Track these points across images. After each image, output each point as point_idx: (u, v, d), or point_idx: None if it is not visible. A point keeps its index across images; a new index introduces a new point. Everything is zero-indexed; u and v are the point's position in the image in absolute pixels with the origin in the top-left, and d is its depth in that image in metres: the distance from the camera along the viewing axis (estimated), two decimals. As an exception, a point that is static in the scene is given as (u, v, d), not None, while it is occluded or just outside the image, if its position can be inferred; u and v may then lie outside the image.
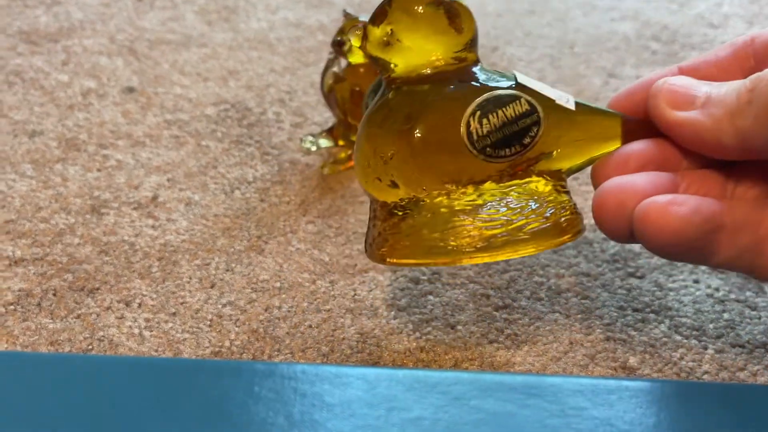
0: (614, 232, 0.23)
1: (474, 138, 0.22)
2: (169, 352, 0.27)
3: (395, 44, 0.24)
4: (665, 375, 0.26)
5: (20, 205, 0.33)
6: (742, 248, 0.22)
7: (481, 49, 0.35)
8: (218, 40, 0.47)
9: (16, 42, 0.45)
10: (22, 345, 0.27)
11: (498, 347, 0.27)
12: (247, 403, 0.18)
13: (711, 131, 0.22)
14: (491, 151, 0.23)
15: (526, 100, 0.23)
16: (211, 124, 0.39)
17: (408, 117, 0.23)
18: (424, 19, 0.24)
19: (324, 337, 0.27)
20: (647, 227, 0.21)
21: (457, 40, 0.24)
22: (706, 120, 0.22)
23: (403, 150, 0.23)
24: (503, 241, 0.22)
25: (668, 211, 0.21)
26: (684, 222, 0.21)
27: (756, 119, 0.20)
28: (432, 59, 0.24)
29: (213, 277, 0.30)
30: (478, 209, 0.23)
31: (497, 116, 0.22)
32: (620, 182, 0.22)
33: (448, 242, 0.23)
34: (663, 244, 0.21)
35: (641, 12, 0.52)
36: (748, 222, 0.22)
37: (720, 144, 0.22)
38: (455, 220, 0.23)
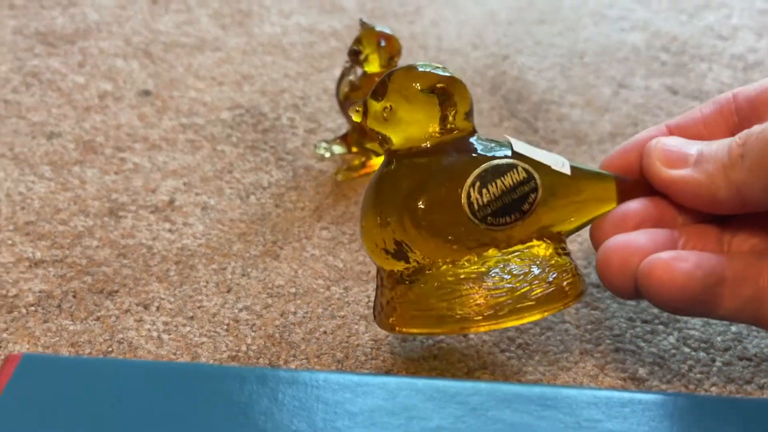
0: (619, 289, 0.23)
1: (475, 208, 0.23)
2: (187, 355, 0.27)
3: (393, 120, 0.25)
4: (674, 387, 0.26)
5: (39, 206, 0.34)
6: (745, 300, 0.22)
7: (491, 58, 0.35)
8: (232, 44, 0.47)
9: (33, 43, 0.46)
10: (44, 346, 0.28)
11: (510, 356, 0.27)
12: (272, 410, 0.19)
13: (706, 187, 0.22)
14: (492, 219, 0.23)
15: (522, 168, 0.24)
16: (226, 128, 0.40)
17: (412, 189, 0.24)
18: (419, 103, 0.25)
19: (339, 344, 0.28)
20: (652, 283, 0.22)
21: (449, 114, 0.25)
22: (700, 176, 0.23)
23: (408, 221, 0.24)
24: (509, 309, 0.23)
25: (672, 267, 0.21)
26: (688, 277, 0.21)
27: (749, 172, 0.21)
28: (428, 133, 0.25)
29: (229, 282, 0.31)
30: (483, 277, 0.23)
31: (496, 186, 0.23)
32: (623, 240, 0.23)
33: (456, 311, 0.23)
34: (668, 299, 0.22)
35: (651, 23, 0.52)
36: (748, 274, 0.22)
37: (715, 199, 0.22)
38: (461, 288, 0.23)
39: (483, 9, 0.53)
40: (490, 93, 0.44)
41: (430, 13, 0.52)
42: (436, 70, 0.25)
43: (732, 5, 0.54)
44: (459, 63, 0.47)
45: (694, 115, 0.26)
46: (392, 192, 0.24)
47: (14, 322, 0.28)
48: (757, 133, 0.22)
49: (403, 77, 0.25)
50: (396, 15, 0.52)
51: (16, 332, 0.28)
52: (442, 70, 0.25)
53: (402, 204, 0.24)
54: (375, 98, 0.25)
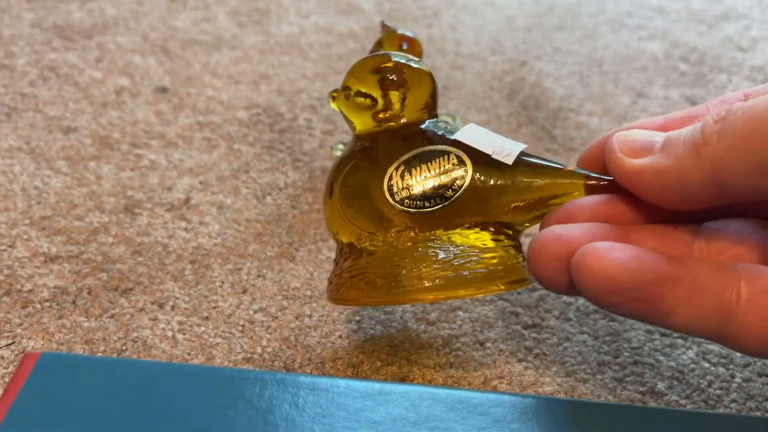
0: (550, 282, 0.21)
1: (393, 191, 0.24)
2: (201, 356, 0.27)
3: (353, 103, 0.26)
4: (693, 402, 0.26)
5: (55, 201, 0.34)
6: (704, 312, 0.20)
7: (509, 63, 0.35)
8: (250, 43, 0.47)
9: (50, 37, 0.46)
10: (58, 342, 0.27)
11: (527, 366, 0.27)
12: (292, 416, 0.18)
13: (675, 171, 0.19)
14: (409, 203, 0.23)
15: (455, 155, 0.24)
16: (243, 127, 0.39)
17: (347, 169, 0.25)
18: (368, 84, 0.26)
19: (354, 348, 0.28)
20: (583, 273, 0.19)
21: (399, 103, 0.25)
22: (667, 161, 0.20)
23: (334, 198, 0.25)
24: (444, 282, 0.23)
25: (604, 255, 0.19)
26: (621, 268, 0.19)
27: (731, 150, 0.18)
28: (379, 117, 0.25)
29: (245, 283, 0.30)
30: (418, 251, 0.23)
31: (419, 170, 0.24)
32: (557, 231, 0.21)
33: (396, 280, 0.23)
34: (599, 291, 0.20)
35: (669, 32, 0.52)
36: (710, 283, 0.20)
37: (686, 184, 0.19)
38: (395, 260, 0.23)
39: (501, 14, 0.53)
40: (507, 99, 0.43)
41: (449, 17, 0.52)
42: (396, 57, 0.26)
43: (751, 17, 0.54)
44: (477, 68, 0.46)
45: (700, 111, 0.23)
46: (335, 172, 0.26)
47: (29, 317, 0.28)
48: (745, 107, 0.18)
49: (360, 61, 0.26)
50: (414, 18, 0.52)
51: (30, 328, 0.28)
52: (407, 59, 0.26)
53: (335, 182, 0.25)
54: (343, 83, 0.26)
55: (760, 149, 0.18)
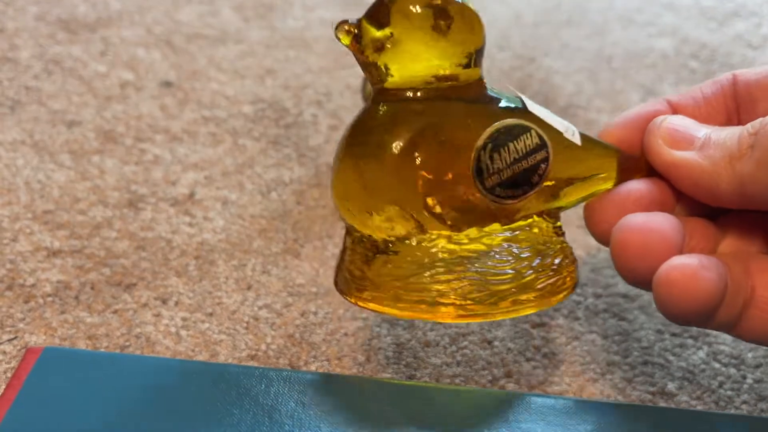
0: (637, 278, 0.21)
1: (484, 176, 0.20)
2: (205, 353, 0.27)
3: (392, 48, 0.21)
4: (703, 403, 0.26)
5: (58, 195, 0.33)
6: (737, 310, 0.20)
7: (518, 59, 0.35)
8: (255, 38, 0.47)
9: (55, 30, 0.45)
10: (61, 338, 0.27)
11: (535, 366, 0.27)
12: (298, 414, 0.18)
13: (708, 174, 0.20)
14: (500, 191, 0.20)
15: (536, 132, 0.21)
16: (248, 122, 0.39)
17: (408, 142, 0.20)
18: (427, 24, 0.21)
19: (360, 346, 0.27)
20: (673, 292, 0.19)
21: (461, 48, 0.21)
22: (704, 162, 0.21)
23: (400, 181, 0.20)
24: (511, 300, 0.20)
25: (700, 278, 0.19)
26: (714, 290, 0.19)
27: (758, 165, 0.19)
28: (432, 69, 0.21)
29: (249, 279, 0.30)
30: (484, 259, 0.20)
31: (508, 150, 0.20)
32: (642, 222, 0.20)
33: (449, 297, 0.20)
34: (685, 312, 0.19)
35: (679, 29, 0.51)
36: (741, 282, 0.20)
37: (717, 189, 0.20)
38: (458, 270, 0.20)
39: (509, 10, 0.53)
40: (515, 95, 0.43)
41: (455, 13, 0.52)
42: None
43: (762, 14, 0.53)
44: (485, 64, 0.46)
45: (694, 94, 0.24)
46: (379, 142, 0.20)
47: (31, 312, 0.28)
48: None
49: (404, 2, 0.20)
50: (421, 13, 0.51)
51: (32, 322, 0.28)
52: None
53: (393, 161, 0.20)
54: (373, 23, 0.20)
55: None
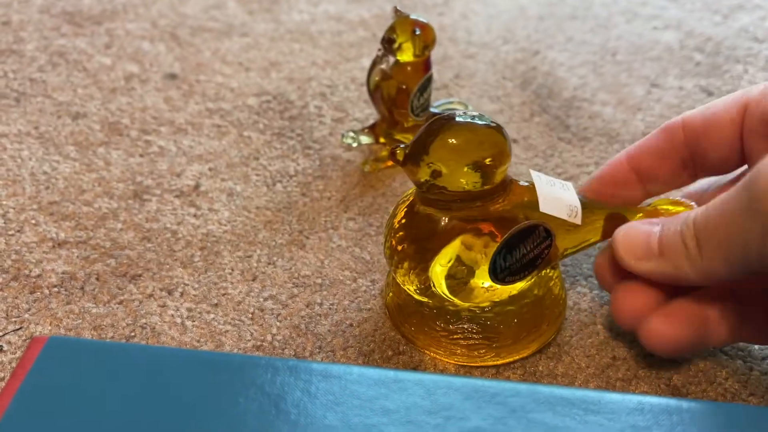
0: (629, 327, 0.25)
1: (498, 272, 0.24)
2: (211, 343, 0.27)
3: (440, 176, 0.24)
4: (710, 396, 0.25)
5: (64, 187, 0.33)
6: (728, 333, 0.25)
7: (522, 53, 0.34)
8: (260, 30, 0.47)
9: (60, 22, 0.45)
10: (66, 328, 0.27)
11: (540, 357, 0.27)
12: (304, 403, 0.18)
13: (676, 276, 0.24)
14: (509, 278, 0.25)
15: (544, 228, 0.25)
16: (252, 114, 0.39)
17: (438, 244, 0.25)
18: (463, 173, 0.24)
19: (365, 337, 0.27)
20: (654, 344, 0.24)
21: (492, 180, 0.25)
22: (667, 268, 0.24)
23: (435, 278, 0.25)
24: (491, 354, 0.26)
25: (668, 328, 0.24)
26: (685, 336, 0.24)
27: (711, 260, 0.22)
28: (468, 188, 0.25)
29: (255, 270, 0.30)
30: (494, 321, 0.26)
31: (519, 250, 0.25)
32: (631, 290, 0.25)
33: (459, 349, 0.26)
34: (668, 353, 0.25)
35: (684, 22, 0.51)
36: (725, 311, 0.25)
37: (686, 281, 0.24)
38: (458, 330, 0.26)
39: (513, 3, 0.52)
40: (520, 88, 0.43)
41: (460, 6, 0.52)
42: (478, 125, 0.24)
43: (767, 7, 0.53)
44: (489, 57, 0.46)
45: (649, 144, 0.27)
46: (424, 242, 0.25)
47: (37, 302, 0.28)
48: (702, 225, 0.23)
49: (446, 148, 0.24)
50: (425, 6, 0.51)
51: (38, 313, 0.28)
52: (481, 119, 0.24)
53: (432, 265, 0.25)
54: (418, 157, 0.24)
55: (728, 260, 0.22)
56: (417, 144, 0.24)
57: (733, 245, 0.21)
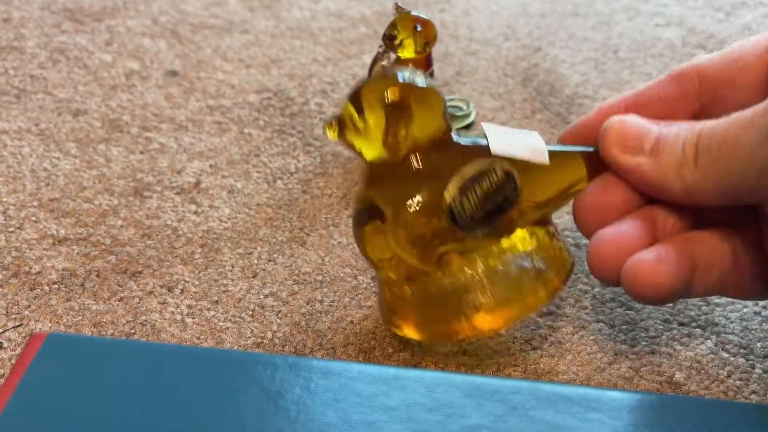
0: (608, 281, 0.23)
1: (459, 219, 0.23)
2: (211, 340, 0.27)
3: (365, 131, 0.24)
4: (712, 393, 0.25)
5: (64, 183, 0.33)
6: (713, 282, 0.23)
7: (523, 49, 0.35)
8: (260, 27, 0.47)
9: (60, 19, 0.45)
10: (66, 325, 0.27)
11: (542, 354, 0.27)
12: (304, 400, 0.18)
13: (659, 182, 0.22)
14: (477, 227, 0.24)
15: (501, 168, 0.24)
16: (253, 111, 0.39)
17: (396, 200, 0.24)
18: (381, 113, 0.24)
19: (365, 334, 0.27)
20: (637, 286, 0.22)
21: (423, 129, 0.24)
22: (654, 169, 0.22)
23: (395, 233, 0.24)
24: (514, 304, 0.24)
25: (656, 271, 0.21)
26: (671, 278, 0.22)
27: (702, 174, 0.21)
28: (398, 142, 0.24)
29: (255, 267, 0.30)
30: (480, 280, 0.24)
31: (476, 193, 0.23)
32: (614, 235, 0.23)
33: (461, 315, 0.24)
34: (651, 299, 0.22)
35: (686, 19, 0.51)
36: (716, 256, 0.23)
37: (667, 192, 0.22)
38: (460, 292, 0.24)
39: (514, 0, 0.52)
40: (522, 85, 0.43)
41: (461, 2, 0.51)
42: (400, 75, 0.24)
43: (771, 4, 0.53)
44: (491, 54, 0.46)
45: (655, 93, 0.25)
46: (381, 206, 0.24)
47: (37, 299, 0.28)
48: (708, 134, 0.21)
49: (365, 86, 0.25)
50: (426, 3, 0.51)
51: (38, 310, 0.28)
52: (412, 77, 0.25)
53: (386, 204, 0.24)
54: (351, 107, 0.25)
55: (724, 176, 0.20)
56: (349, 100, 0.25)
57: (733, 165, 0.20)
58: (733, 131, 0.20)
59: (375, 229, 0.24)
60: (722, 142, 0.20)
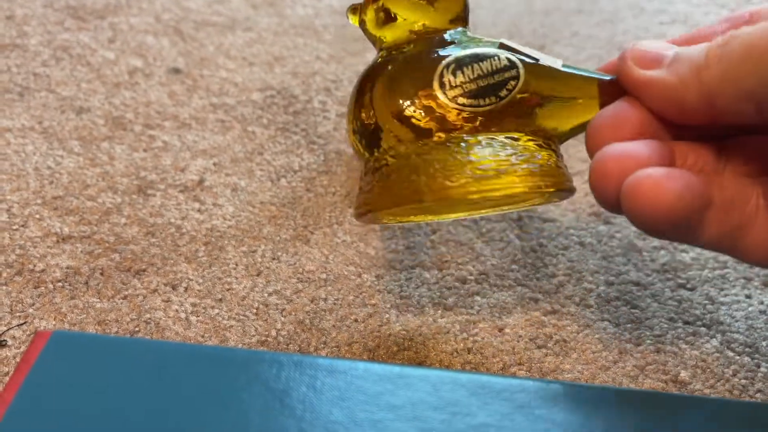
0: (610, 201, 0.21)
1: (446, 87, 0.23)
2: (215, 338, 0.27)
3: (387, 20, 0.25)
4: (717, 391, 0.25)
5: (68, 181, 0.33)
6: (729, 227, 0.21)
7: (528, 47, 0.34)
8: (263, 25, 0.47)
9: (63, 17, 0.45)
10: (70, 323, 0.27)
11: (546, 353, 0.27)
12: (309, 398, 0.18)
13: (675, 89, 0.20)
14: (463, 100, 0.23)
15: (506, 57, 0.23)
16: (257, 109, 0.39)
17: (390, 70, 0.24)
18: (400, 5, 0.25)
19: (370, 332, 0.27)
20: (638, 201, 0.20)
21: (443, 15, 0.25)
22: (671, 78, 0.21)
23: (377, 92, 0.24)
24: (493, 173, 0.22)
25: (661, 186, 0.19)
26: (677, 198, 0.19)
27: (724, 75, 0.19)
28: (414, 29, 0.25)
29: (259, 265, 0.30)
30: (455, 153, 0.22)
31: (472, 69, 0.23)
32: (621, 149, 0.21)
33: (436, 180, 0.22)
34: (652, 220, 0.20)
35: (690, 17, 0.51)
36: (736, 199, 0.21)
37: (684, 103, 0.20)
38: (436, 160, 0.22)
39: (519, -3, 0.52)
40: (526, 83, 0.43)
41: None
42: None
43: (776, 2, 0.53)
44: (494, 51, 0.46)
45: (707, 31, 0.24)
46: (372, 75, 0.24)
47: (41, 297, 0.28)
48: (744, 34, 0.19)
49: None
50: (430, 1, 0.51)
51: (42, 308, 0.27)
52: None
53: (377, 79, 0.24)
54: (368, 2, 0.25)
55: (747, 77, 0.19)
56: None
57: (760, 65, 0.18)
58: (763, 33, 0.18)
59: (355, 104, 0.24)
60: (750, 42, 0.19)
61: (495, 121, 0.23)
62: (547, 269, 0.30)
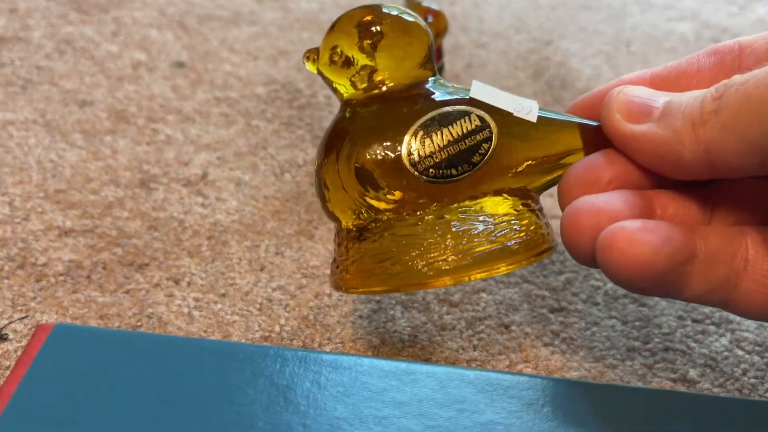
0: (584, 257, 0.20)
1: (415, 159, 0.21)
2: (218, 333, 0.26)
3: (341, 64, 0.23)
4: (727, 390, 0.25)
5: (70, 175, 0.33)
6: (715, 282, 0.19)
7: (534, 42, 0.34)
8: (268, 19, 0.46)
9: (67, 10, 0.45)
10: (72, 317, 0.27)
11: (553, 351, 0.26)
12: (314, 394, 0.18)
13: (670, 145, 0.19)
14: (434, 172, 0.21)
15: (476, 115, 0.21)
16: (261, 103, 0.39)
17: (355, 138, 0.22)
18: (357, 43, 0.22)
19: (375, 329, 0.27)
20: (613, 257, 0.18)
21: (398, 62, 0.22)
22: (664, 132, 0.19)
23: (344, 173, 0.22)
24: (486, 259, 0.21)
25: (637, 240, 0.18)
26: (654, 252, 0.18)
27: (723, 129, 0.18)
28: (379, 80, 0.22)
29: (263, 260, 0.30)
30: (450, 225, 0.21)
31: (441, 135, 0.21)
32: (594, 202, 0.20)
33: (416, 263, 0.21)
34: (629, 277, 0.19)
35: (699, 13, 0.50)
36: (721, 252, 0.19)
37: (680, 159, 0.19)
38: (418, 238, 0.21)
39: (525, -7, 0.52)
40: (533, 78, 0.42)
41: (471, -5, 0.51)
42: (387, 9, 0.23)
43: (785, -2, 0.52)
44: (501, 46, 0.45)
45: (688, 65, 0.22)
46: (335, 141, 0.22)
47: (42, 291, 0.28)
48: (737, 84, 0.18)
49: (346, 14, 0.23)
50: (436, -5, 0.51)
51: (44, 301, 0.27)
52: (399, 11, 0.23)
53: (343, 157, 0.22)
54: (323, 44, 0.23)
55: (748, 129, 0.17)
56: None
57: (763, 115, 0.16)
58: (758, 82, 0.17)
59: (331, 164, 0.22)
60: (752, 92, 0.17)
61: (468, 188, 0.21)
62: (554, 266, 0.30)
